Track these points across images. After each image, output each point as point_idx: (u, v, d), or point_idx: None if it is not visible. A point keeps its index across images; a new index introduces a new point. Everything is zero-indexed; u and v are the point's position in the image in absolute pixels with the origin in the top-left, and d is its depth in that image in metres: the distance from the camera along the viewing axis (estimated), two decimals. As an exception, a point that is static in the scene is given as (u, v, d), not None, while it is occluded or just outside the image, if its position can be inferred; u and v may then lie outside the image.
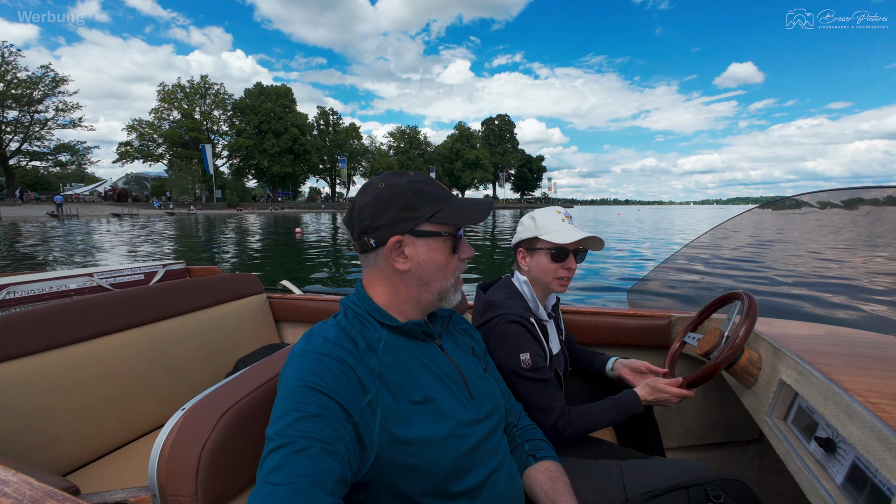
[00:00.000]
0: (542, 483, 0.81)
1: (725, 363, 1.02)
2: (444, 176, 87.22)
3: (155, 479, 0.66)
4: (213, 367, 1.62)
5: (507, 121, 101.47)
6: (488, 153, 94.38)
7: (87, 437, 1.23)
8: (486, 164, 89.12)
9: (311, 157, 64.88)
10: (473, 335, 0.94)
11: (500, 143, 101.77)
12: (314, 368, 0.61)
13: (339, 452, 0.56)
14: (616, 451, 1.11)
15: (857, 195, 1.78)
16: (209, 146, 53.07)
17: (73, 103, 47.08)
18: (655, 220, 34.26)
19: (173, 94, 56.30)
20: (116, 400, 1.31)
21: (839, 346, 1.05)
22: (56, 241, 14.90)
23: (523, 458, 0.87)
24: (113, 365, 1.32)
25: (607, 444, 1.14)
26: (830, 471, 0.79)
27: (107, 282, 1.98)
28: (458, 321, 0.93)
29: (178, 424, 0.68)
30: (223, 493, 0.68)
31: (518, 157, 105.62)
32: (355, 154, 76.61)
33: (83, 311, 1.31)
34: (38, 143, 46.03)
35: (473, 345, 0.90)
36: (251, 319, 1.88)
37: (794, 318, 1.36)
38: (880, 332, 1.16)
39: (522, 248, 1.21)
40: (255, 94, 59.87)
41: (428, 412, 0.69)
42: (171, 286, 1.64)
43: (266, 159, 59.49)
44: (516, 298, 1.18)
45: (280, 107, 60.28)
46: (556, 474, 0.83)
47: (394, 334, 0.74)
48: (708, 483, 0.81)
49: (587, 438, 1.15)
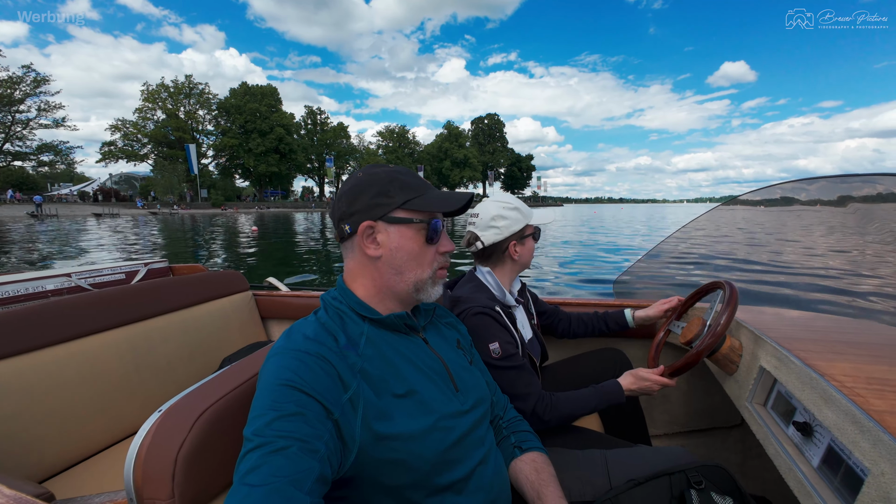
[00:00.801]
0: (527, 474, 0.81)
1: (707, 351, 1.04)
2: (433, 175, 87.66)
3: (131, 482, 0.65)
4: (199, 366, 1.61)
5: (496, 120, 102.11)
6: (477, 152, 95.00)
7: (67, 442, 1.22)
8: (475, 163, 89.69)
9: (297, 156, 65.07)
10: (459, 328, 0.94)
11: (490, 142, 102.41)
12: (293, 366, 0.61)
13: (319, 451, 0.55)
14: (602, 440, 1.13)
15: (833, 184, 1.79)
16: (193, 146, 53.13)
17: (56, 103, 47.06)
18: (621, 217, 35.04)
19: (157, 93, 56.33)
20: (98, 402, 1.29)
21: (817, 332, 1.06)
22: (27, 242, 15.28)
23: (509, 449, 0.87)
24: (94, 367, 1.30)
25: (594, 434, 1.17)
26: (807, 454, 0.80)
27: (86, 282, 1.95)
28: (443, 314, 0.93)
29: (155, 426, 0.67)
30: (201, 494, 0.68)
31: (508, 156, 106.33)
32: (343, 153, 76.86)
33: (61, 311, 1.28)
34: (20, 143, 46.03)
35: (459, 337, 0.91)
36: (237, 317, 1.86)
37: (774, 306, 1.39)
38: (857, 318, 1.21)
39: (515, 240, 1.22)
40: (240, 94, 60.01)
41: (411, 405, 0.68)
42: (153, 285, 1.61)
43: (251, 159, 59.74)
44: (481, 290, 1.19)
45: (265, 106, 60.49)
46: (541, 465, 0.83)
47: (376, 328, 0.73)
48: (689, 470, 0.82)
49: (573, 428, 1.17)
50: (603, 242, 14.16)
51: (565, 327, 1.55)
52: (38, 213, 33.39)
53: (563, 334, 1.56)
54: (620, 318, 1.48)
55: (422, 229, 0.74)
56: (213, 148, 61.63)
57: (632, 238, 15.69)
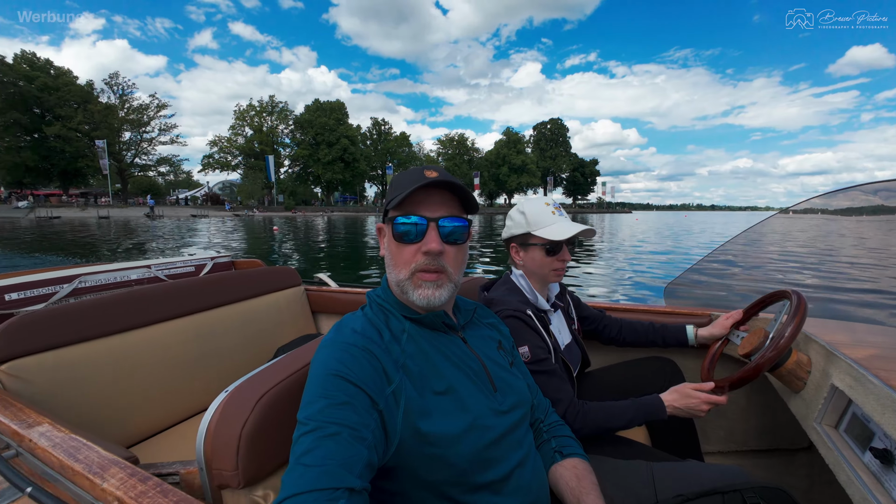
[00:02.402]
0: (567, 480, 0.80)
1: (768, 365, 0.96)
2: (490, 181, 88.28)
3: (202, 454, 0.72)
4: (255, 354, 1.72)
5: (559, 124, 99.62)
6: (537, 158, 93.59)
7: (147, 414, 1.38)
8: (533, 169, 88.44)
9: (359, 164, 70.47)
10: (500, 329, 0.95)
11: (552, 148, 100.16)
12: (342, 358, 0.64)
13: (367, 439, 0.58)
14: (648, 453, 1.05)
15: None
16: (272, 157, 60.97)
17: (172, 123, 58.34)
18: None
19: (246, 112, 65.54)
20: (170, 381, 1.43)
21: None
22: (142, 235, 19.72)
23: (549, 454, 0.85)
24: (167, 349, 1.44)
25: (639, 446, 1.10)
26: (887, 484, 0.74)
27: (162, 273, 2.10)
28: (484, 315, 0.94)
29: (222, 406, 0.74)
30: (261, 469, 0.73)
31: (570, 162, 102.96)
32: (404, 161, 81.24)
33: (143, 299, 1.44)
34: (145, 157, 57.06)
35: (500, 339, 0.91)
36: (289, 310, 1.96)
37: (850, 320, 1.27)
38: None
39: (515, 244, 1.21)
40: (313, 110, 66.97)
41: (449, 403, 0.70)
42: (217, 278, 1.75)
43: (320, 167, 66.23)
44: (514, 293, 1.18)
45: (333, 120, 66.63)
46: (582, 472, 0.81)
47: (416, 325, 0.76)
48: (746, 490, 0.75)
49: (617, 438, 1.11)
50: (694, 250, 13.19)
51: (612, 333, 1.47)
52: (152, 214, 41.20)
53: (609, 340, 1.49)
54: (680, 334, 1.36)
55: (389, 227, 0.74)
56: (289, 158, 69.62)
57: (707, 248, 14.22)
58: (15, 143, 43.56)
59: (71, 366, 1.23)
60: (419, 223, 0.72)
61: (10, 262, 10.26)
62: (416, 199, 0.72)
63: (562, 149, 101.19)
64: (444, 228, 0.73)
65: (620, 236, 21.03)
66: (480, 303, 1.10)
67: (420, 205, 0.73)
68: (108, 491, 0.64)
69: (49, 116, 45.20)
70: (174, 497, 0.61)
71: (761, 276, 2.07)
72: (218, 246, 14.31)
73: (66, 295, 1.76)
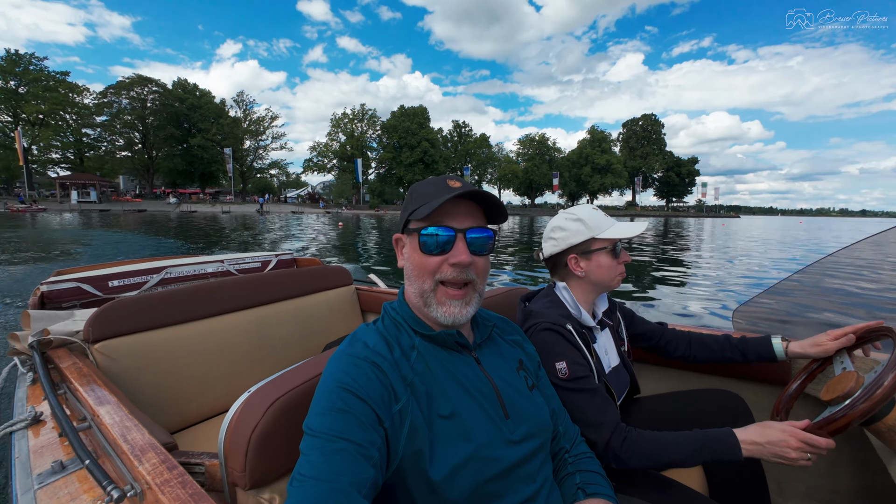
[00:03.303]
0: None
1: (863, 416, 0.76)
2: (571, 181, 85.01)
3: (222, 450, 0.75)
4: (306, 349, 1.80)
5: (653, 120, 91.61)
6: (623, 157, 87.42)
7: (197, 401, 1.45)
8: (619, 169, 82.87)
9: (438, 166, 73.84)
10: (525, 347, 0.88)
11: (643, 146, 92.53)
12: (352, 372, 0.63)
13: (373, 457, 0.57)
14: (701, 503, 0.86)
15: None
16: (360, 160, 67.14)
17: (281, 132, 67.68)
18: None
19: (341, 120, 73.37)
20: (226, 370, 1.52)
21: None
22: (254, 228, 24.35)
23: (572, 489, 0.77)
24: (228, 339, 1.54)
25: (690, 493, 0.89)
26: None
27: (234, 267, 2.27)
28: (508, 330, 0.89)
29: (241, 406, 0.76)
30: (267, 474, 0.74)
31: (664, 161, 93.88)
32: (483, 161, 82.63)
33: (214, 291, 1.57)
34: (260, 161, 67.44)
35: (522, 357, 0.85)
36: (340, 308, 2.06)
37: None
38: None
39: (575, 255, 1.11)
40: (397, 115, 72.02)
41: (451, 429, 0.66)
42: (279, 274, 1.88)
43: (402, 169, 70.97)
44: (556, 306, 1.11)
45: (416, 124, 70.83)
46: None
47: (426, 342, 0.73)
48: None
49: (663, 479, 0.93)
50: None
51: (679, 349, 1.26)
52: (261, 210, 48.73)
53: (676, 357, 1.28)
54: (765, 347, 1.13)
55: (415, 238, 0.72)
56: (376, 161, 75.85)
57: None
58: (171, 152, 55.42)
59: (149, 349, 1.36)
60: (447, 234, 0.70)
61: (157, 243, 13.82)
62: (443, 210, 0.70)
63: (654, 147, 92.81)
64: (473, 240, 0.71)
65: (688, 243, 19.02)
66: (519, 315, 1.11)
67: (447, 216, 0.71)
68: (141, 474, 0.68)
69: (193, 130, 56.23)
70: (190, 489, 0.63)
71: (855, 305, 1.59)
72: (316, 242, 16.40)
73: (154, 284, 1.95)
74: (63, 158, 50.25)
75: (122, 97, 52.47)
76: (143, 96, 53.38)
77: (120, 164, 54.46)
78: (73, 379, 1.08)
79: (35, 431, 0.95)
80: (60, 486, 0.75)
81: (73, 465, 0.80)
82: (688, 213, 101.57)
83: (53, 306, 1.69)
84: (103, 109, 51.43)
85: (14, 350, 1.32)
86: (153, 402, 1.34)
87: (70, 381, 1.08)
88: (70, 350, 1.29)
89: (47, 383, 1.04)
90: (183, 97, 55.21)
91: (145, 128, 53.61)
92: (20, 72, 45.89)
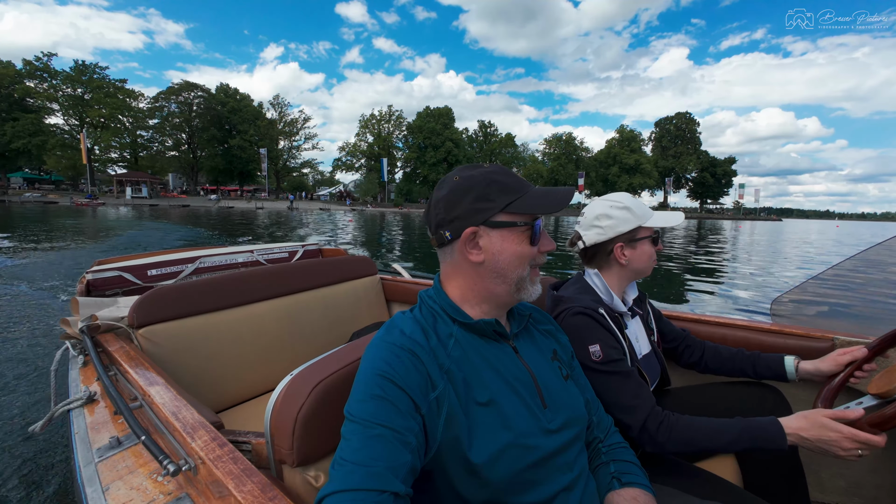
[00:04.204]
0: None
1: None
2: (598, 181, 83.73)
3: (269, 429, 0.79)
4: (334, 336, 1.87)
5: (687, 119, 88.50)
6: (654, 157, 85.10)
7: (238, 383, 1.53)
8: (648, 168, 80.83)
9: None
10: (558, 337, 0.89)
11: (677, 145, 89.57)
12: (389, 359, 0.64)
13: (411, 443, 0.59)
14: (735, 495, 0.86)
15: None
16: (385, 159, 69.67)
17: (313, 133, 71.60)
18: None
19: (369, 121, 76.20)
20: (261, 355, 1.60)
21: None
22: (283, 223, 26.69)
23: (606, 478, 0.78)
24: (261, 327, 1.62)
25: (724, 484, 0.89)
26: None
27: (263, 257, 2.35)
28: (541, 320, 0.89)
29: (286, 387, 0.80)
30: (313, 452, 0.78)
31: (698, 161, 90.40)
32: (507, 161, 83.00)
33: (244, 280, 1.64)
34: (293, 161, 71.29)
35: (556, 347, 0.85)
36: (366, 297, 2.12)
37: None
38: None
39: (622, 242, 1.12)
40: (423, 116, 73.88)
41: (490, 417, 0.67)
42: (306, 264, 1.95)
43: (426, 168, 72.83)
44: (586, 292, 1.12)
45: (440, 125, 72.43)
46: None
47: (464, 331, 0.74)
48: None
49: (695, 471, 0.93)
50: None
51: (693, 357, 1.28)
52: (291, 207, 51.87)
53: (688, 365, 1.30)
54: (777, 365, 1.13)
55: (525, 231, 0.72)
56: (401, 160, 78.18)
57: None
58: (213, 151, 59.81)
59: (188, 334, 1.44)
60: (538, 225, 0.72)
61: (194, 234, 15.86)
62: (536, 203, 0.72)
63: (689, 146, 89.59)
64: None
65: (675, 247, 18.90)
66: (548, 303, 1.14)
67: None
68: (195, 450, 0.73)
69: (233, 131, 60.45)
70: (241, 465, 0.67)
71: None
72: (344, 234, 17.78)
73: (189, 273, 2.03)
74: (120, 158, 55.75)
75: (171, 101, 57.45)
76: (189, 100, 58.18)
77: (169, 163, 59.62)
78: (122, 361, 1.13)
79: (90, 410, 1.00)
80: (119, 460, 0.80)
81: (128, 441, 0.85)
82: (723, 215, 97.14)
83: (98, 294, 1.79)
84: (155, 113, 56.57)
85: (66, 335, 1.40)
86: (195, 384, 1.42)
87: (119, 363, 1.14)
88: (116, 335, 1.36)
89: (99, 365, 1.09)
90: (224, 100, 59.47)
91: (191, 129, 58.36)
92: (86, 80, 51.42)
